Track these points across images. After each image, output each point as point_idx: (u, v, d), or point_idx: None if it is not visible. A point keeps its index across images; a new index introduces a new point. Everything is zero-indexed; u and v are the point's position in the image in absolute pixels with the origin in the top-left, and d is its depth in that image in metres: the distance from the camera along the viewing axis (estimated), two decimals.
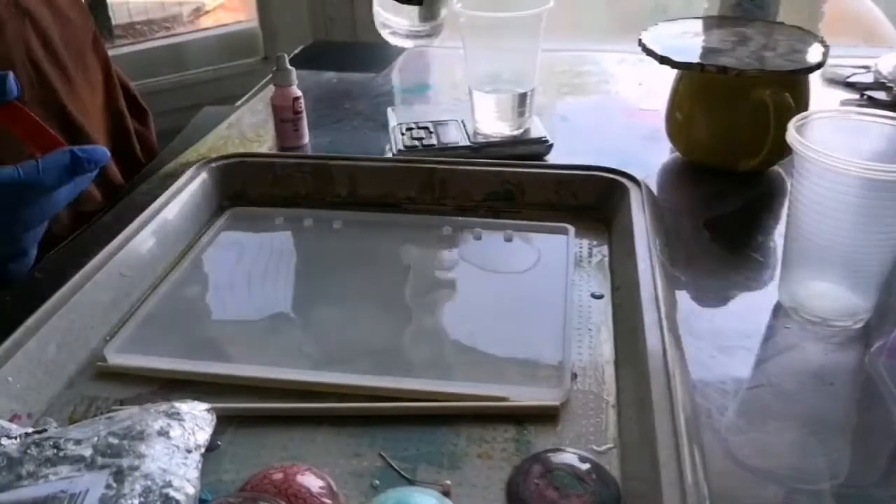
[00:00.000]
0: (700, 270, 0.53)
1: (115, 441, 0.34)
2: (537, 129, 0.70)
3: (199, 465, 0.34)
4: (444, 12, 0.64)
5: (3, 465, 0.34)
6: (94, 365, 0.44)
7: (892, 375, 0.43)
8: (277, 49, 0.71)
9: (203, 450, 0.36)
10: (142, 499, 0.31)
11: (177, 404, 0.37)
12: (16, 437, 0.36)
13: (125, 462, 0.33)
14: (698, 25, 0.72)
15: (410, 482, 0.36)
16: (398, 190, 0.62)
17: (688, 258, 0.54)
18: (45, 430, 0.36)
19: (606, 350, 0.45)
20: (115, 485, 0.31)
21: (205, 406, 0.38)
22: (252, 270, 0.55)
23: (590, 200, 0.59)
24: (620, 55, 0.97)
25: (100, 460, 0.33)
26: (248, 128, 0.77)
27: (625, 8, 1.27)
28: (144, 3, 1.31)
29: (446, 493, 0.35)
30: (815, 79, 0.65)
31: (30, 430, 0.37)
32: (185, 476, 0.33)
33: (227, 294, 0.51)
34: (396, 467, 0.37)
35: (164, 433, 0.35)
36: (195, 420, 0.37)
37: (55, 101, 0.61)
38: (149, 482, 0.32)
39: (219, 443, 0.38)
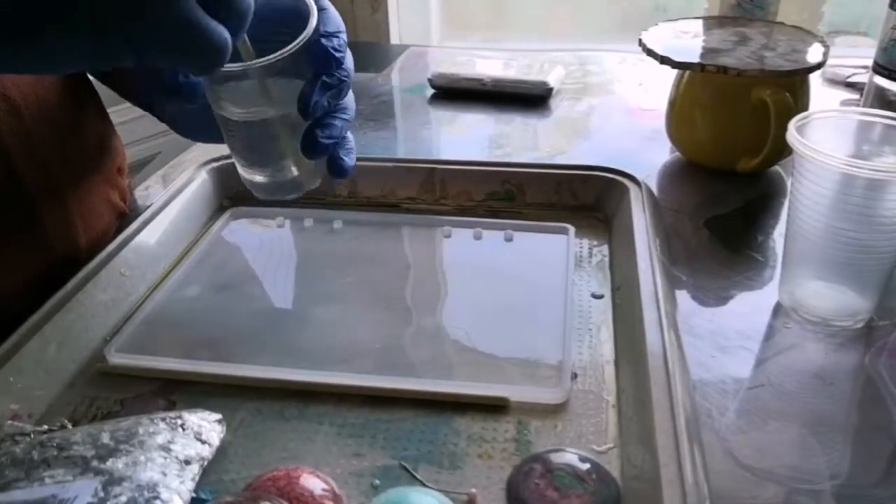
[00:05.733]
0: (700, 270, 0.53)
1: (114, 446, 0.34)
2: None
3: (197, 477, 0.34)
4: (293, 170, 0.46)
5: (7, 463, 0.34)
6: (95, 365, 0.44)
7: (892, 375, 0.43)
8: None
9: (206, 462, 0.35)
10: None
11: (185, 414, 0.37)
12: (29, 435, 0.36)
13: (119, 470, 0.33)
14: (698, 25, 0.72)
15: (425, 486, 0.36)
16: (398, 190, 0.62)
17: (688, 258, 0.54)
18: (55, 431, 0.36)
19: (606, 350, 0.45)
20: (102, 493, 0.31)
21: (215, 417, 0.38)
22: (252, 270, 0.55)
23: (590, 200, 0.59)
24: (621, 55, 0.97)
25: (96, 465, 0.33)
26: None
27: (625, 8, 1.27)
28: None
29: (471, 503, 0.35)
30: (815, 79, 0.65)
31: (45, 427, 0.37)
32: (176, 489, 0.33)
33: (228, 294, 0.51)
34: (417, 475, 0.37)
35: (165, 443, 0.35)
36: (201, 431, 0.36)
37: None
38: (135, 494, 0.32)
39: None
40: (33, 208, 0.50)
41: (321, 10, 0.41)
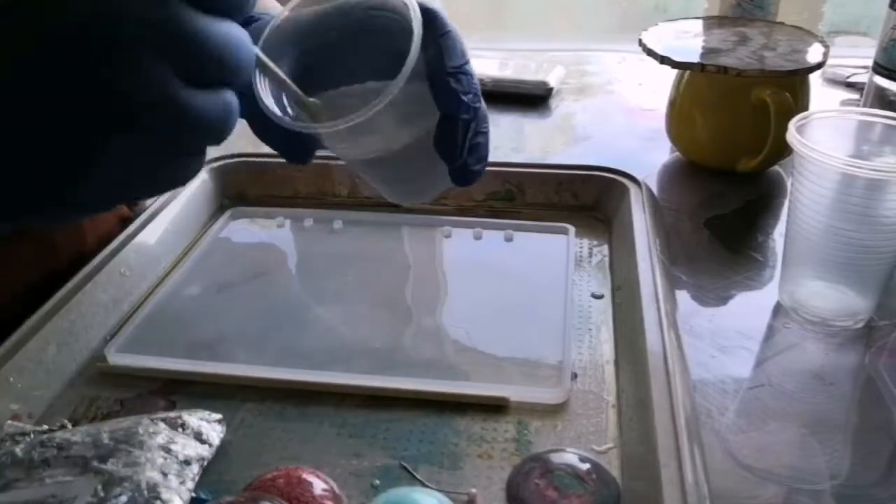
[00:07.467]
0: (700, 270, 0.53)
1: (114, 447, 0.34)
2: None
3: (197, 477, 0.34)
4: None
5: (7, 463, 0.34)
6: (95, 365, 0.44)
7: (892, 375, 0.43)
8: None
9: (205, 462, 0.35)
10: None
11: (185, 414, 0.37)
12: (29, 435, 0.36)
13: (119, 470, 0.33)
14: (698, 25, 0.72)
15: (425, 486, 0.36)
16: None
17: (688, 258, 0.54)
18: (55, 431, 0.36)
19: (606, 350, 0.45)
20: (101, 493, 0.31)
21: (215, 417, 0.38)
22: (252, 270, 0.55)
23: (590, 200, 0.59)
24: (621, 55, 0.97)
25: (96, 465, 0.33)
26: (248, 127, 0.77)
27: (625, 8, 1.27)
28: None
29: (471, 502, 0.35)
30: (815, 79, 0.65)
31: (44, 427, 0.37)
32: (176, 489, 0.33)
33: (228, 294, 0.51)
34: (417, 475, 0.37)
35: (165, 443, 0.35)
36: (201, 431, 0.36)
37: None
38: (135, 494, 0.32)
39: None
40: None
41: (443, 34, 0.36)
